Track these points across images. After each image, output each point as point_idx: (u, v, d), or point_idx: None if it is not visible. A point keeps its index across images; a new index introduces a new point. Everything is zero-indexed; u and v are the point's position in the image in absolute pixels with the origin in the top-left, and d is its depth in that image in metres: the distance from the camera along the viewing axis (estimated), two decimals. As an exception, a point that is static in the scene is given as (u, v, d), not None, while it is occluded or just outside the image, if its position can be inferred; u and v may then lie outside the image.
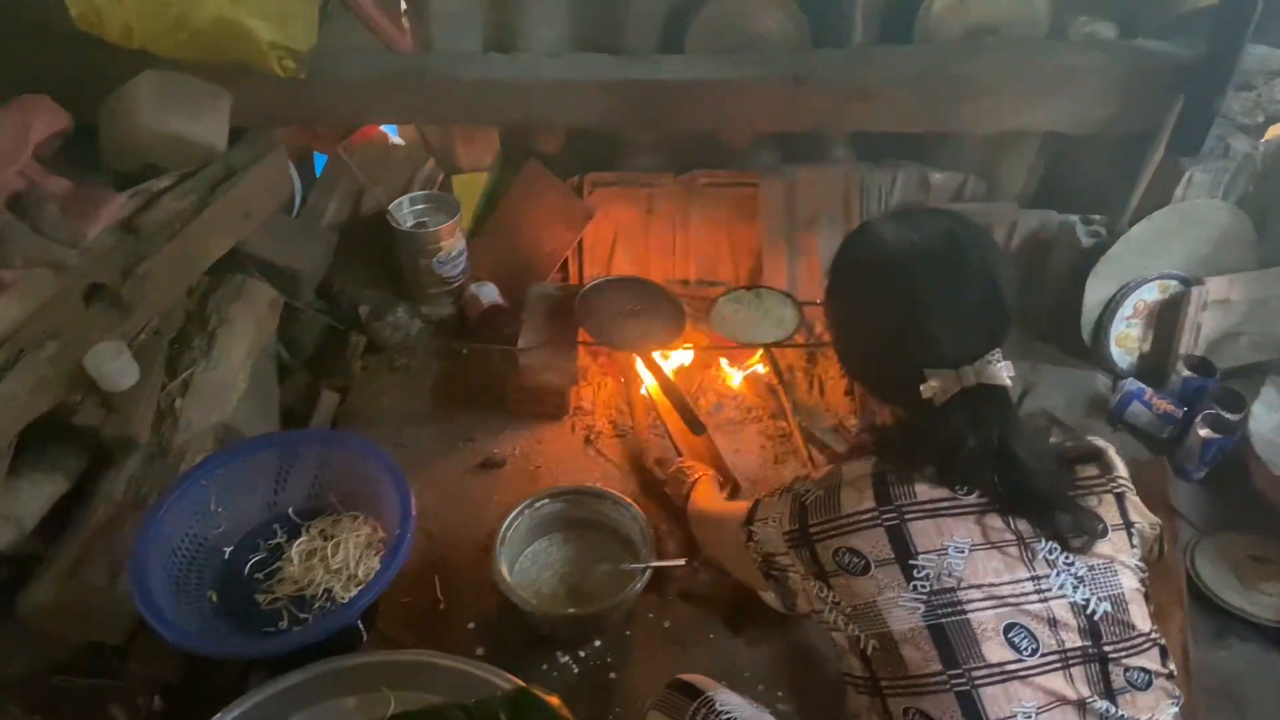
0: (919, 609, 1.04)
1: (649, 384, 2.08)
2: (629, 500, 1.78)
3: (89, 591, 1.65)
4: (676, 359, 2.17)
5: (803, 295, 2.20)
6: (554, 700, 1.43)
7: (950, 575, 1.04)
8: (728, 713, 1.16)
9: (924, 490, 1.08)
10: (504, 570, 1.67)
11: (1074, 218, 2.22)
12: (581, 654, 1.69)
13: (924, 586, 1.04)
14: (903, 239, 1.12)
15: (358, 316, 2.30)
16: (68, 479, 1.77)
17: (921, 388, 1.09)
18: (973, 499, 1.07)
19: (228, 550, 1.69)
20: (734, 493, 1.88)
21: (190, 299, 1.97)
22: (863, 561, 1.07)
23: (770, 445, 2.07)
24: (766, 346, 2.12)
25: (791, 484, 1.21)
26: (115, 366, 1.72)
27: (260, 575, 1.66)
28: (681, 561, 1.72)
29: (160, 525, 1.59)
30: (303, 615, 1.60)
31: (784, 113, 2.15)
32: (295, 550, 1.67)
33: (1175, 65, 2.01)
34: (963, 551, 1.05)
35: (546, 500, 1.79)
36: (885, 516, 1.07)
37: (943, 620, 1.03)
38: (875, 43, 2.18)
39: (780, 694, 1.63)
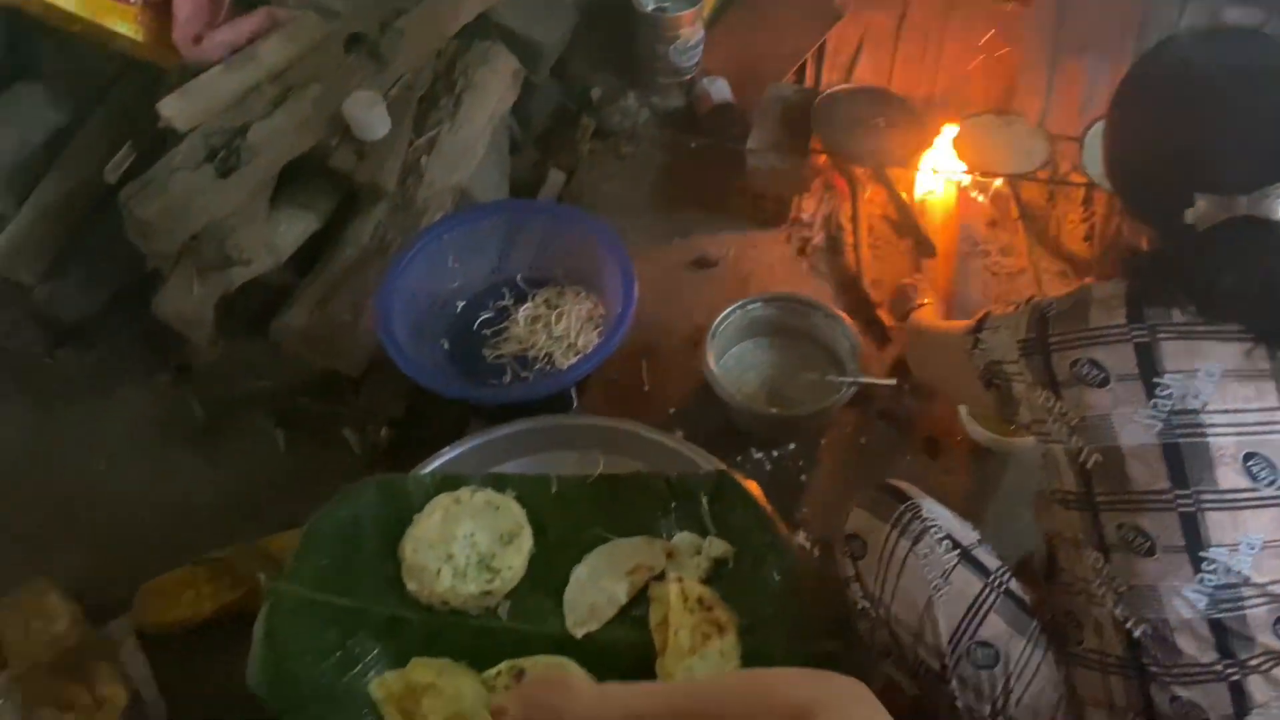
0: (1155, 426, 1.01)
1: (878, 201, 2.02)
2: (843, 315, 1.77)
3: (335, 324, 1.80)
4: (910, 176, 2.09)
5: (1055, 128, 2.05)
6: (753, 487, 1.49)
7: (1196, 397, 1.01)
8: (934, 521, 1.17)
9: (1179, 314, 1.03)
10: (712, 363, 1.71)
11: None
12: (774, 454, 1.74)
13: (1164, 405, 1.01)
14: (1209, 56, 1.06)
15: (589, 99, 2.31)
16: (320, 218, 1.90)
17: (1187, 211, 1.02)
18: (1232, 328, 1.02)
19: (460, 305, 1.80)
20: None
21: (439, 60, 2.01)
22: (1102, 375, 1.04)
23: (994, 282, 1.99)
24: (1008, 177, 2.00)
25: (1029, 299, 1.18)
26: (370, 115, 1.80)
27: (488, 332, 1.76)
28: (891, 381, 1.71)
29: (403, 273, 1.69)
30: (524, 374, 1.70)
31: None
32: (522, 314, 1.76)
33: None
34: (1213, 376, 1.01)
35: (760, 304, 1.80)
36: (1136, 333, 1.03)
37: (1179, 440, 1.01)
38: None
39: (970, 524, 1.64)
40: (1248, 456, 1.00)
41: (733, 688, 1.03)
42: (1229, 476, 1.00)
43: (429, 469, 1.52)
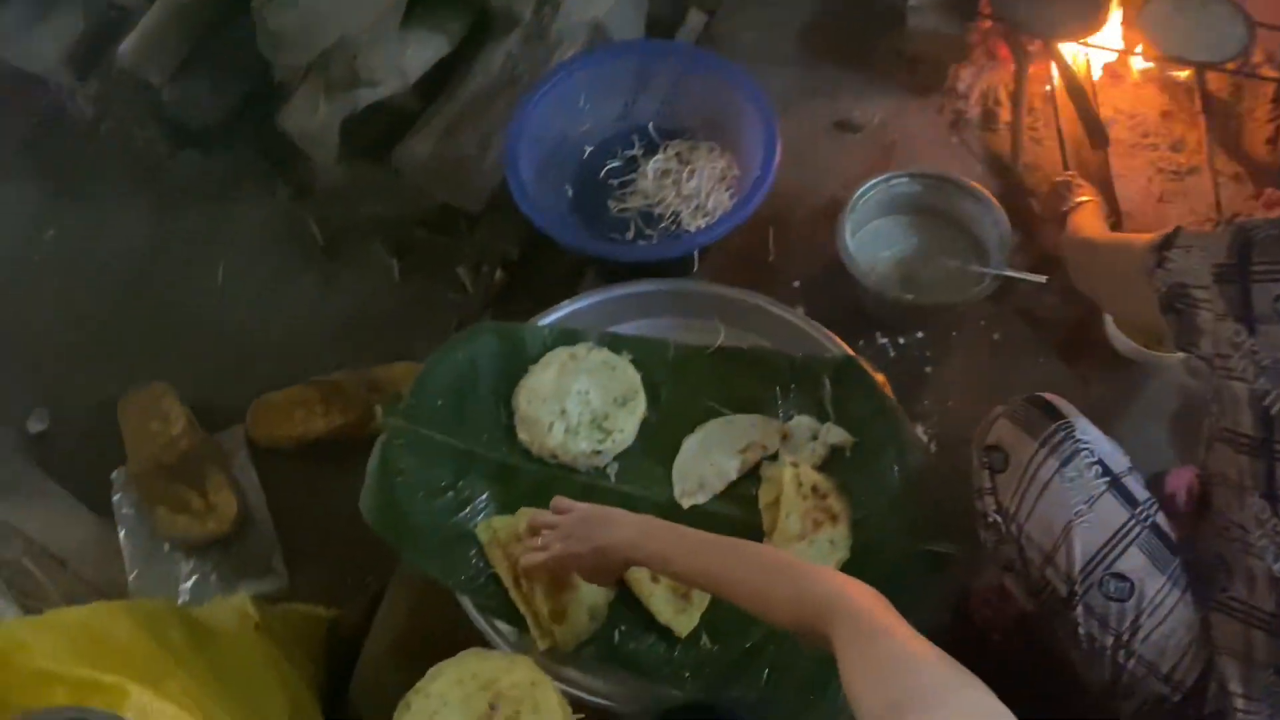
0: None
1: (1044, 78, 1.85)
2: (994, 200, 1.65)
3: (459, 156, 1.74)
4: (1083, 52, 1.90)
5: (1257, 14, 1.83)
6: (880, 378, 1.42)
7: None
8: (1086, 444, 1.09)
9: None
10: (846, 237, 1.62)
11: None
12: (901, 340, 1.66)
13: None
14: None
15: (738, -64, 2.14)
16: (450, 42, 1.82)
17: None
18: None
19: (588, 150, 1.72)
20: (1114, 227, 1.70)
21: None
22: None
23: (1160, 179, 1.83)
24: (1194, 65, 1.80)
25: (1230, 218, 1.06)
26: (511, -65, 1.69)
27: (614, 183, 1.69)
28: (1041, 278, 1.60)
29: (534, 108, 1.61)
30: (648, 232, 1.63)
31: None
32: (651, 166, 1.67)
33: None
34: None
35: (906, 179, 1.68)
36: None
37: None
38: None
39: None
40: None
41: (767, 563, 1.01)
42: None
43: (547, 320, 1.49)
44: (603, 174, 1.69)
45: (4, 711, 0.94)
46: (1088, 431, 1.11)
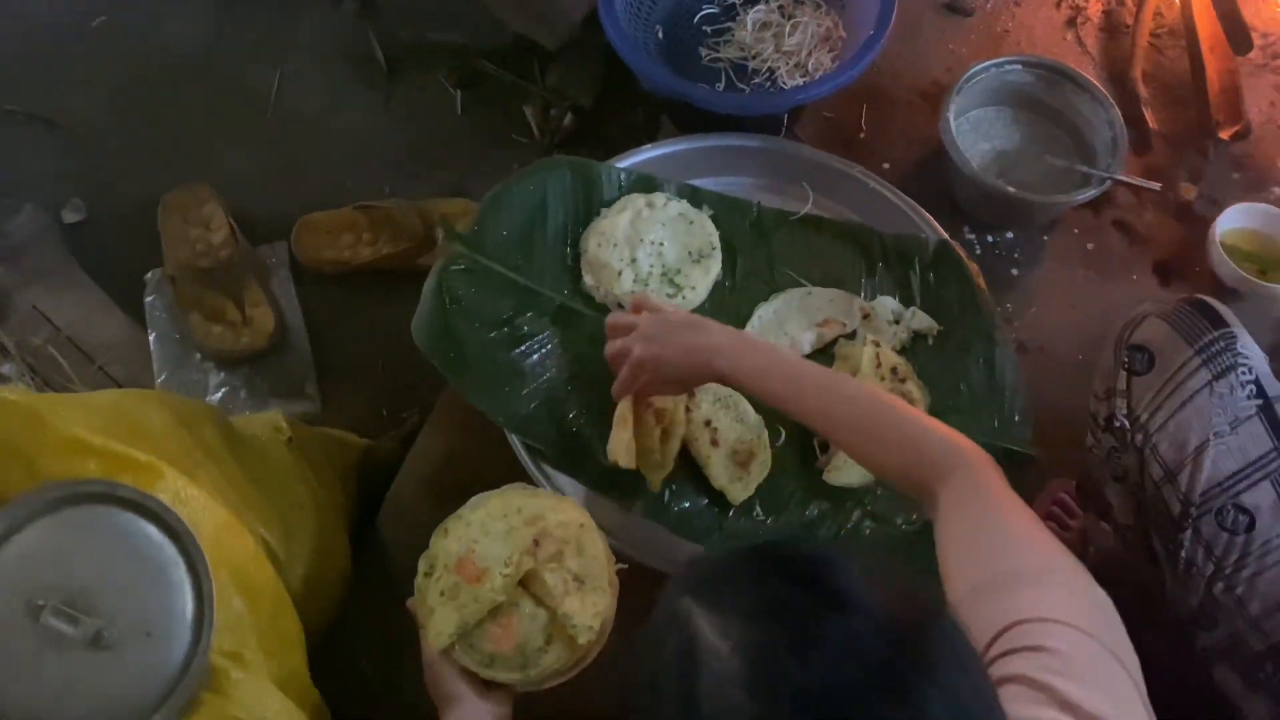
0: None
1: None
2: (1113, 100, 1.53)
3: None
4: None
5: None
6: (974, 266, 1.33)
7: None
8: (1247, 360, 0.99)
9: None
10: (950, 120, 1.50)
11: None
12: (990, 238, 1.56)
13: None
14: None
15: None
16: None
17: None
18: None
19: (678, -1, 1.59)
20: (1241, 134, 1.58)
21: None
22: None
23: (1285, 105, 1.70)
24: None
25: None
26: None
27: (709, 29, 1.57)
28: (1155, 185, 1.49)
29: (633, -64, 1.48)
30: (740, 85, 1.52)
31: None
32: (751, 16, 1.55)
33: None
34: None
35: (1020, 67, 1.56)
36: None
37: None
38: None
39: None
40: None
41: (879, 400, 0.94)
42: None
43: (626, 164, 1.39)
44: (697, 19, 1.57)
45: (31, 478, 0.88)
46: (1250, 346, 1.01)
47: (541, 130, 1.76)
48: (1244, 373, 0.98)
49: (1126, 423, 1.03)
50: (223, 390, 1.57)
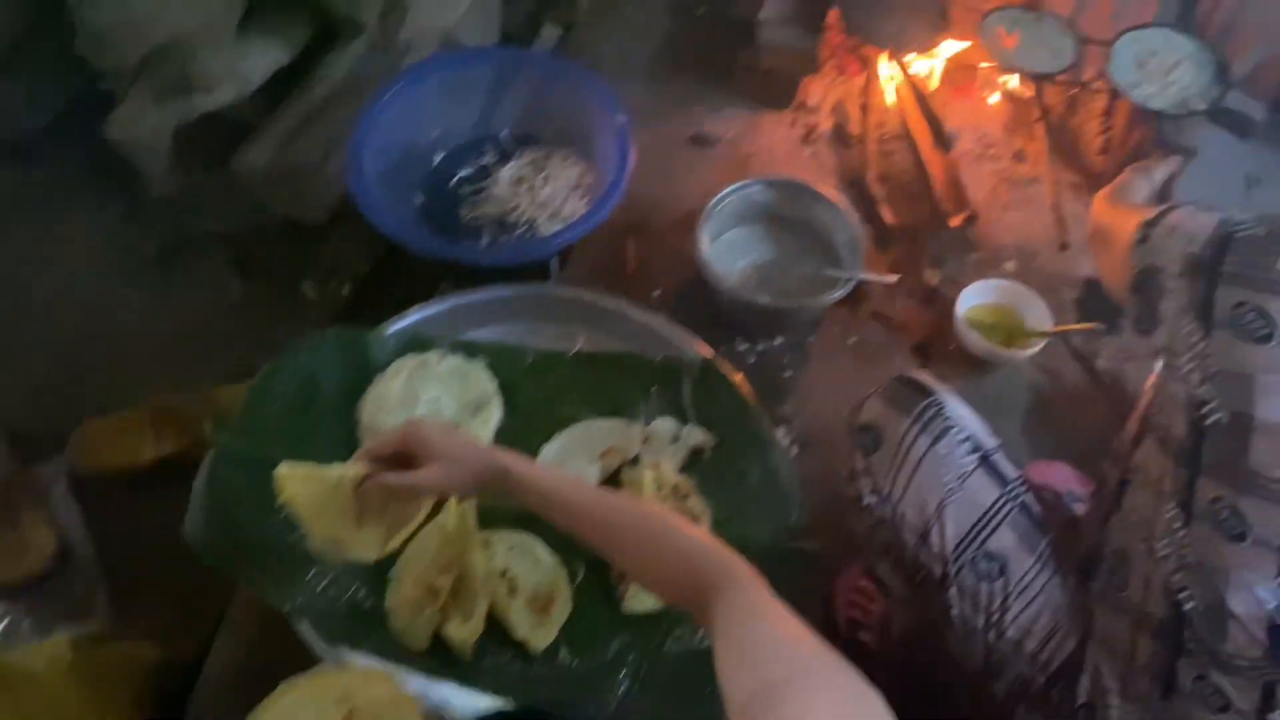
0: None
1: (892, 91, 1.89)
2: (845, 206, 1.67)
3: (301, 165, 1.67)
4: (927, 65, 1.96)
5: (1087, 30, 1.92)
6: (739, 377, 1.41)
7: None
8: (956, 420, 1.08)
9: None
10: (704, 245, 1.61)
11: None
12: (760, 347, 1.65)
13: None
14: None
15: (593, -49, 2.14)
16: (292, 49, 1.74)
17: None
18: None
19: (438, 157, 1.67)
20: (969, 220, 1.74)
21: (433, -113, 1.83)
22: (1266, 330, 0.88)
23: (1004, 188, 1.89)
24: (1031, 76, 1.87)
25: (1219, 216, 0.98)
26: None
27: (466, 190, 1.64)
28: (892, 278, 1.62)
29: (380, 115, 1.56)
30: (502, 239, 1.58)
31: None
32: (504, 174, 1.63)
33: None
34: None
35: (761, 186, 1.69)
36: None
37: None
38: None
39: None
40: None
41: (657, 517, 0.95)
42: None
43: (395, 328, 1.42)
44: (454, 181, 1.64)
45: None
46: (957, 408, 1.11)
47: (322, 303, 1.77)
48: (958, 433, 1.08)
49: (873, 499, 1.10)
50: (4, 621, 1.47)
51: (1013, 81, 1.95)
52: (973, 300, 1.67)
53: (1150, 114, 1.72)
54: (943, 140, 1.74)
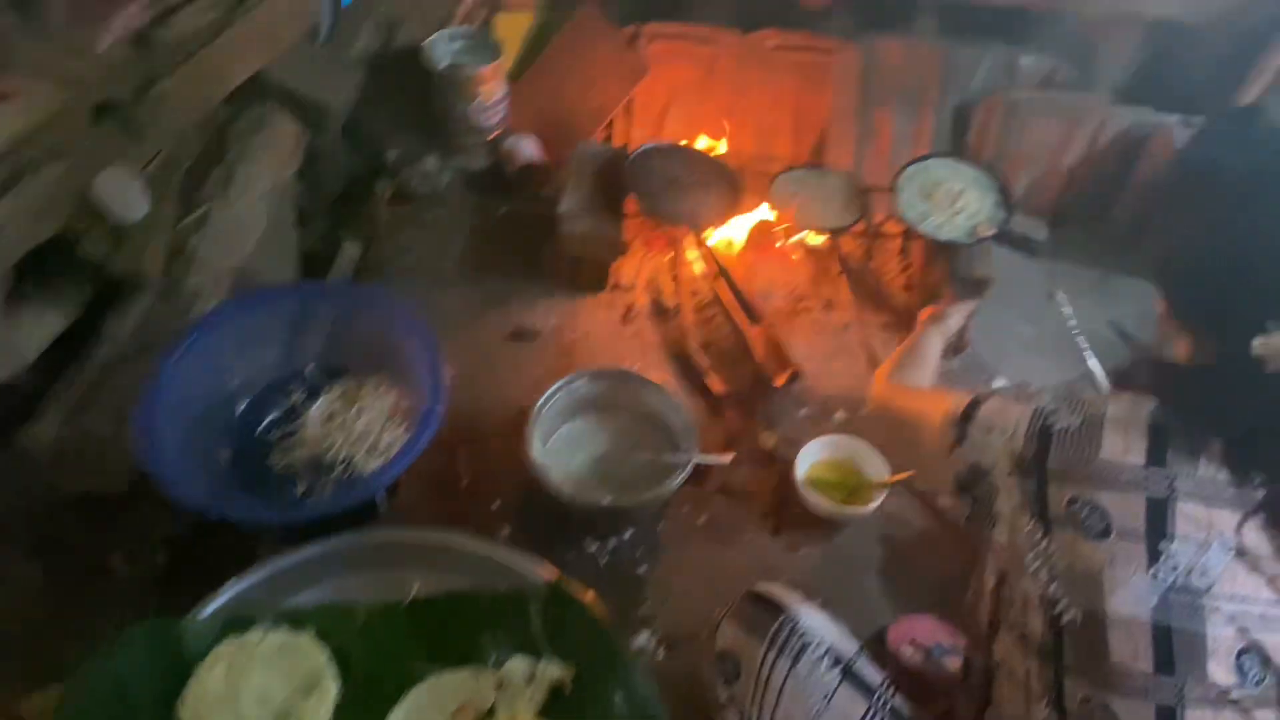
0: (1151, 600, 0.87)
1: (700, 263, 1.93)
2: (673, 391, 1.66)
3: (91, 438, 1.55)
4: (728, 235, 2.01)
5: (869, 179, 2.03)
6: (589, 596, 1.34)
7: (1203, 575, 0.87)
8: (812, 635, 1.05)
9: (1205, 464, 0.88)
10: (536, 448, 1.56)
11: (1172, 118, 2.03)
12: (611, 543, 1.60)
13: (1166, 578, 0.87)
14: None
15: (384, 162, 2.13)
16: (70, 314, 1.64)
17: (1256, 342, 0.86)
18: (1260, 494, 0.88)
19: (241, 406, 1.58)
20: (793, 378, 1.75)
21: (208, 128, 1.79)
22: (1104, 525, 0.88)
23: (821, 339, 1.94)
24: (827, 233, 1.95)
25: (1030, 395, 1.00)
26: (125, 194, 1.57)
27: (275, 436, 1.55)
28: (728, 458, 1.61)
29: (171, 374, 1.46)
30: (319, 482, 1.49)
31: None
32: (314, 412, 1.55)
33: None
34: (1229, 551, 0.87)
35: (585, 380, 1.67)
36: (1152, 483, 0.88)
37: (1173, 624, 0.87)
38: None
39: (819, 603, 1.55)
40: (1242, 651, 0.87)
41: None
42: (1220, 671, 0.86)
43: (211, 608, 1.29)
44: (262, 428, 1.55)
45: None
46: (810, 620, 1.08)
47: (135, 576, 1.62)
48: (815, 648, 1.05)
49: None
50: None
51: (811, 238, 2.02)
52: (810, 459, 1.67)
53: (943, 246, 1.80)
54: (749, 311, 1.77)
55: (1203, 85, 2.07)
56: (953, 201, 1.84)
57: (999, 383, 1.87)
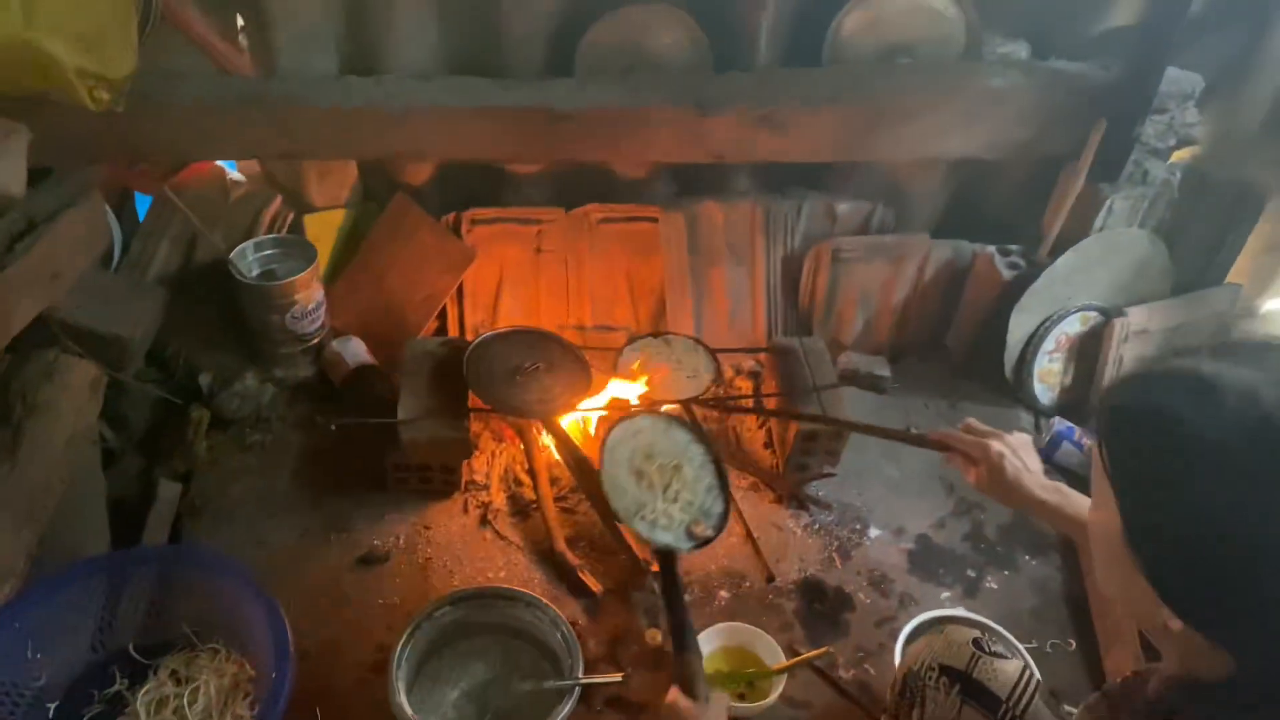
0: None
1: (556, 450, 1.83)
2: (546, 601, 1.54)
3: None
4: (581, 416, 1.93)
5: (710, 339, 2.00)
6: None
7: None
8: None
9: None
10: (403, 700, 1.40)
11: (990, 248, 2.11)
12: (501, 792, 1.44)
13: None
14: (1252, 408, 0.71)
15: (198, 387, 1.96)
16: None
17: None
18: None
19: (52, 707, 1.35)
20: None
21: (-14, 385, 1.60)
22: None
23: (691, 513, 1.86)
24: (685, 403, 1.88)
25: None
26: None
27: (98, 743, 1.33)
28: (618, 677, 1.48)
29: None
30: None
31: (686, 143, 1.94)
32: (141, 701, 1.35)
33: (1094, 87, 1.91)
34: None
35: (447, 607, 1.53)
36: None
37: None
38: (782, 64, 1.99)
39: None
40: None
41: None
42: None
43: None
44: (82, 728, 1.33)
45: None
46: None
47: None
48: None
49: None
50: None
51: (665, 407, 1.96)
52: (703, 652, 1.56)
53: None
54: (606, 512, 1.67)
55: (1010, 213, 2.18)
56: (667, 484, 1.59)
57: (873, 532, 1.83)
